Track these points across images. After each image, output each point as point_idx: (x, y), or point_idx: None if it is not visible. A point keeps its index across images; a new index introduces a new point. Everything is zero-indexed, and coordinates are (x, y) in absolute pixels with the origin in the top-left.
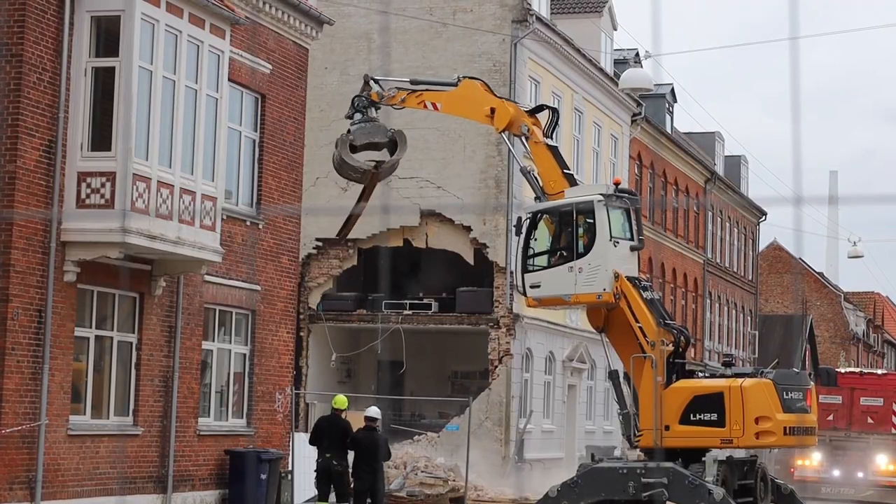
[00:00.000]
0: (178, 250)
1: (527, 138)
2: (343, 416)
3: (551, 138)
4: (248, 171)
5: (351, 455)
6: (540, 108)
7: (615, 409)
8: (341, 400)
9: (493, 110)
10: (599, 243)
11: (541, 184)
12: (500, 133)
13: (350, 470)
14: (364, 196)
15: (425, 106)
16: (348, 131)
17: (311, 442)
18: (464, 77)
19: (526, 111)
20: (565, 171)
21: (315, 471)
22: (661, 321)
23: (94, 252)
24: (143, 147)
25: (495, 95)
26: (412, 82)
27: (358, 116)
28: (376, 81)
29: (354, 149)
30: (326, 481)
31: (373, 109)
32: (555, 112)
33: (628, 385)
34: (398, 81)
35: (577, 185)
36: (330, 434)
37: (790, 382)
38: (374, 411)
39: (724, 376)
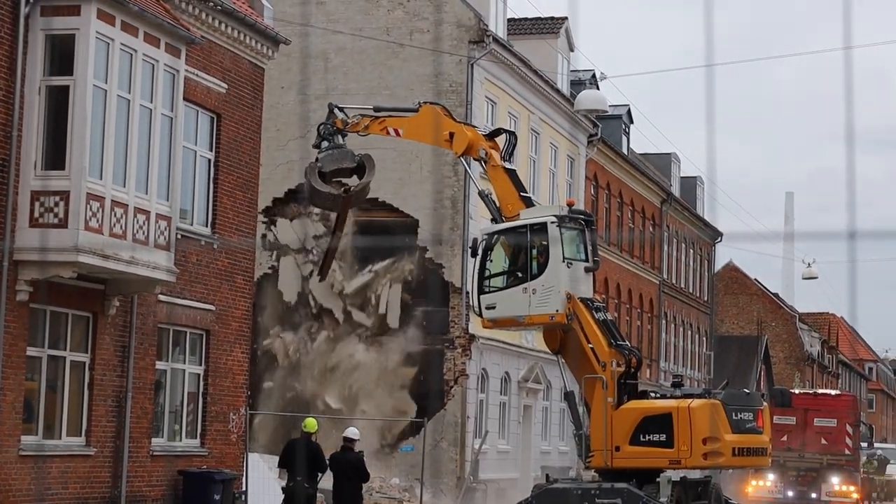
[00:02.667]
0: (131, 270)
1: (485, 162)
2: (313, 438)
3: (509, 161)
4: (204, 190)
5: (322, 476)
6: (498, 132)
7: (570, 430)
8: (311, 423)
9: (451, 135)
10: (553, 264)
11: (498, 206)
12: (458, 157)
13: (316, 493)
14: (338, 226)
15: (388, 132)
16: (316, 159)
17: (280, 464)
18: (424, 102)
19: (484, 135)
20: (522, 193)
21: (283, 492)
22: (613, 342)
23: (47, 271)
24: (98, 166)
25: (454, 120)
26: (375, 109)
27: (325, 144)
28: (341, 109)
29: (324, 176)
30: None
31: (339, 136)
32: (512, 135)
33: (584, 406)
34: (361, 108)
35: (533, 206)
36: (299, 457)
37: (740, 403)
38: (352, 432)
39: (674, 397)
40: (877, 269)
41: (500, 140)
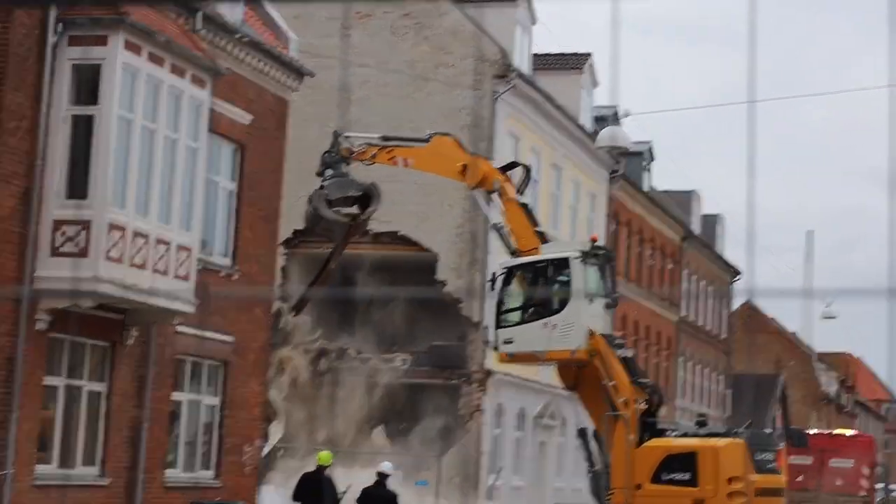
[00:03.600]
0: (151, 301)
1: (499, 195)
2: (327, 472)
3: (523, 195)
4: (225, 221)
5: None
6: (512, 165)
7: (585, 467)
8: (325, 456)
9: (465, 167)
10: (574, 300)
11: (512, 241)
12: (472, 190)
13: None
14: (338, 251)
15: (396, 162)
16: (321, 187)
17: (295, 497)
18: (435, 133)
19: (498, 168)
20: (537, 228)
21: None
22: (635, 379)
23: (67, 301)
24: (120, 196)
25: (467, 152)
26: (383, 138)
27: (329, 172)
28: (346, 137)
29: (330, 203)
30: None
31: (343, 164)
32: (527, 169)
33: (597, 443)
34: (368, 137)
35: (548, 242)
36: (313, 490)
37: (762, 443)
38: (386, 467)
39: (697, 435)
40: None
41: (515, 174)
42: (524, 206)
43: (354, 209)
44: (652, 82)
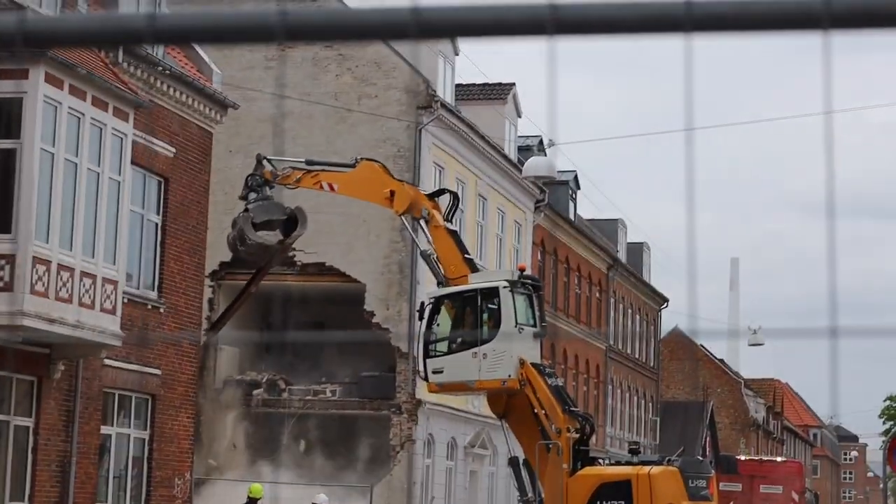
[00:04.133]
0: (77, 334)
1: (427, 222)
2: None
3: (452, 222)
4: (151, 254)
5: None
6: (441, 192)
7: (515, 496)
8: (257, 489)
9: (392, 193)
10: (504, 329)
11: (441, 268)
12: (399, 216)
13: None
14: (262, 273)
15: (321, 187)
16: (246, 209)
17: None
18: (362, 159)
19: (426, 195)
20: (466, 255)
21: None
22: (567, 408)
23: None
24: (44, 229)
25: (394, 178)
26: (307, 162)
27: (252, 196)
28: (269, 161)
29: (255, 226)
30: None
31: (266, 188)
32: (455, 196)
33: (528, 471)
34: (293, 161)
35: (477, 269)
36: None
37: (694, 470)
38: (322, 500)
39: (630, 463)
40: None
41: (443, 200)
42: (453, 232)
43: (278, 234)
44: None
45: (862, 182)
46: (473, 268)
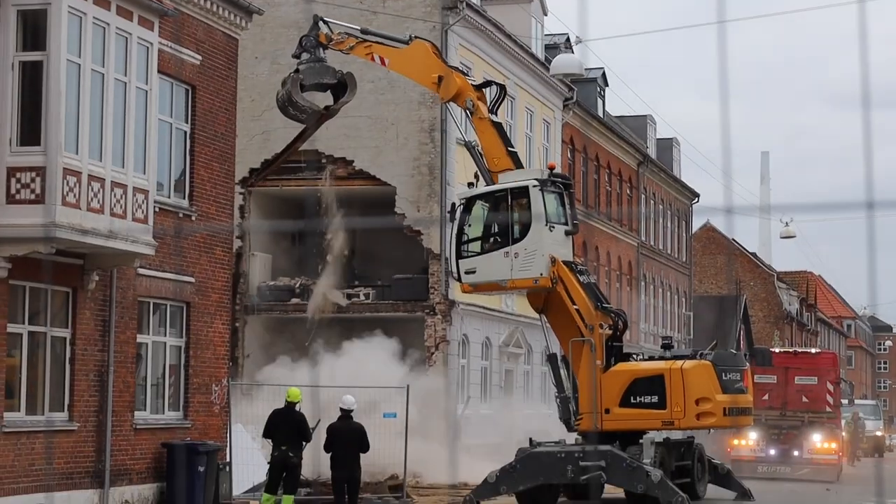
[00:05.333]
0: (110, 244)
1: (471, 113)
2: (297, 408)
3: (496, 115)
4: (180, 162)
5: (306, 445)
6: (488, 84)
7: (553, 393)
8: (294, 392)
9: (440, 79)
10: (535, 228)
11: (485, 161)
12: (444, 103)
13: (301, 462)
14: (303, 137)
15: (373, 58)
16: (297, 70)
17: (265, 435)
18: (416, 37)
19: (473, 85)
20: (509, 148)
21: (269, 463)
22: (599, 304)
23: (26, 248)
24: (73, 141)
25: (445, 63)
26: (362, 31)
27: (305, 56)
28: (326, 23)
29: (303, 88)
30: (279, 474)
31: (320, 50)
32: (502, 88)
33: (566, 368)
34: (348, 27)
35: (521, 164)
36: (284, 426)
37: (728, 363)
38: (349, 401)
39: (664, 358)
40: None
41: (489, 93)
42: (497, 125)
43: (327, 96)
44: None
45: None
46: (517, 161)
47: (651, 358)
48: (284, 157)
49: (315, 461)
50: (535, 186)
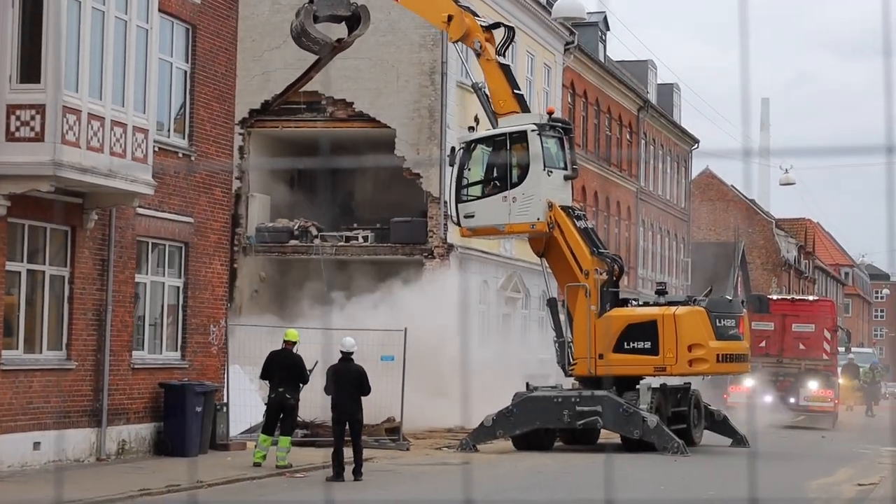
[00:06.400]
0: (110, 183)
1: (478, 54)
2: (294, 349)
3: (504, 57)
4: (180, 102)
5: (303, 387)
6: (497, 25)
7: (551, 337)
8: (292, 333)
9: (450, 18)
10: (533, 172)
11: (491, 103)
12: (453, 42)
13: (298, 404)
14: (316, 68)
15: None
16: (311, 1)
17: (263, 376)
18: None
19: (483, 26)
20: (515, 91)
21: (266, 404)
22: (595, 250)
23: (25, 185)
24: (73, 79)
25: (456, 2)
26: None
27: None
28: None
29: (316, 19)
30: (276, 415)
31: None
32: (510, 30)
33: (567, 314)
34: None
35: (527, 106)
36: (281, 368)
37: (723, 310)
38: (349, 343)
39: (658, 304)
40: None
41: (498, 34)
42: (504, 67)
43: (342, 28)
44: None
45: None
46: (523, 104)
47: (646, 304)
48: (297, 88)
49: (313, 403)
50: (533, 131)
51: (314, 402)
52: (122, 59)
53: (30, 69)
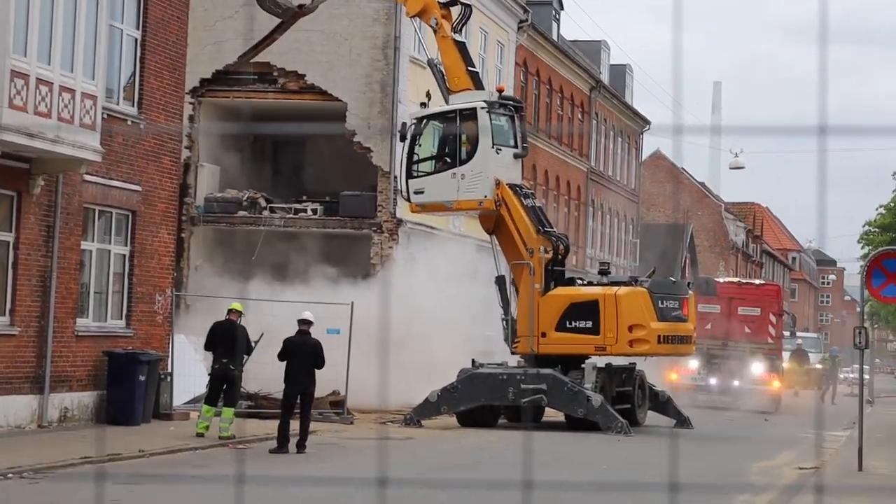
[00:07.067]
0: (56, 149)
1: (435, 31)
2: (239, 320)
3: (460, 34)
4: (130, 69)
5: (248, 359)
6: (454, 3)
7: (499, 315)
8: (237, 305)
9: None
10: (482, 150)
11: (445, 80)
12: (410, 17)
13: (241, 375)
14: (280, 30)
15: None
16: None
17: (207, 347)
18: None
19: (440, 3)
20: (470, 68)
21: (209, 375)
22: (541, 228)
23: None
24: (22, 43)
25: None
26: None
27: None
28: None
29: None
30: (219, 386)
31: None
32: (467, 7)
33: (515, 291)
34: None
35: (481, 84)
36: (225, 339)
37: (666, 291)
38: (308, 315)
39: (601, 284)
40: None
41: (455, 11)
42: (460, 44)
43: None
44: None
45: (851, 7)
46: (477, 81)
47: (590, 283)
48: (259, 49)
49: (257, 375)
50: (482, 108)
51: (258, 374)
52: (72, 24)
53: None
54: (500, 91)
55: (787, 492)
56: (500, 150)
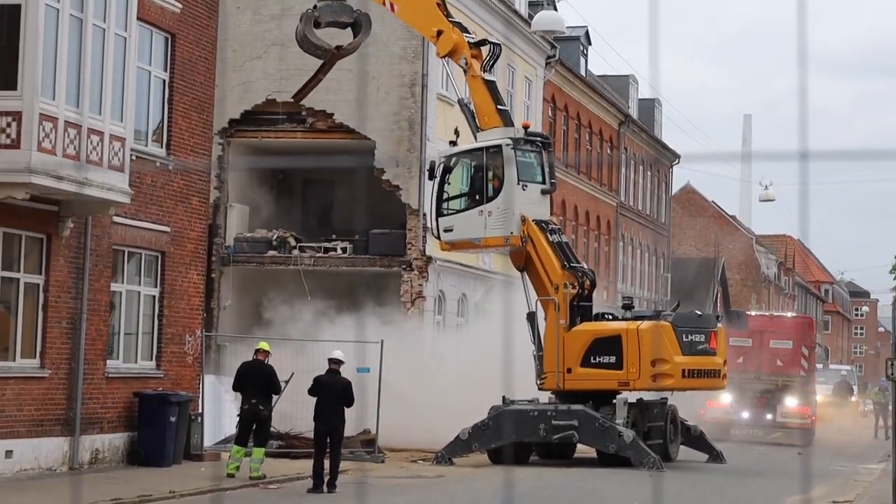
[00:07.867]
0: (85, 191)
1: (465, 71)
2: (267, 360)
3: (490, 73)
4: (158, 111)
5: (277, 399)
6: (483, 42)
7: (532, 351)
8: (264, 344)
9: (439, 33)
10: (508, 187)
11: (475, 118)
12: (440, 58)
13: (271, 415)
14: (323, 71)
15: (384, 3)
16: (314, 7)
17: (235, 388)
18: None
19: (470, 42)
20: (499, 106)
21: (239, 416)
22: (567, 264)
23: (0, 193)
24: (51, 86)
25: (447, 17)
26: None
27: None
28: None
29: (318, 25)
30: (249, 427)
31: None
32: (496, 47)
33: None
34: None
35: (510, 121)
36: (254, 379)
37: (691, 324)
38: (339, 354)
39: (625, 319)
40: (835, 193)
41: (485, 51)
42: (489, 83)
43: (347, 33)
44: None
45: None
46: (507, 119)
47: (616, 318)
48: (307, 90)
49: (288, 414)
50: (508, 145)
51: (289, 414)
52: (100, 67)
53: (7, 76)
54: (525, 127)
55: None
56: (525, 186)
